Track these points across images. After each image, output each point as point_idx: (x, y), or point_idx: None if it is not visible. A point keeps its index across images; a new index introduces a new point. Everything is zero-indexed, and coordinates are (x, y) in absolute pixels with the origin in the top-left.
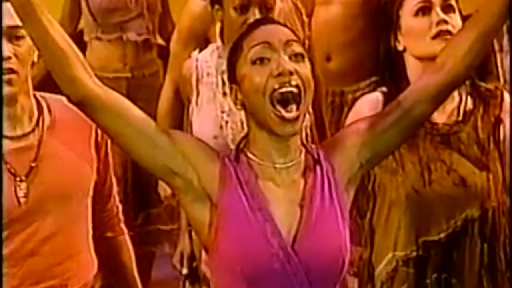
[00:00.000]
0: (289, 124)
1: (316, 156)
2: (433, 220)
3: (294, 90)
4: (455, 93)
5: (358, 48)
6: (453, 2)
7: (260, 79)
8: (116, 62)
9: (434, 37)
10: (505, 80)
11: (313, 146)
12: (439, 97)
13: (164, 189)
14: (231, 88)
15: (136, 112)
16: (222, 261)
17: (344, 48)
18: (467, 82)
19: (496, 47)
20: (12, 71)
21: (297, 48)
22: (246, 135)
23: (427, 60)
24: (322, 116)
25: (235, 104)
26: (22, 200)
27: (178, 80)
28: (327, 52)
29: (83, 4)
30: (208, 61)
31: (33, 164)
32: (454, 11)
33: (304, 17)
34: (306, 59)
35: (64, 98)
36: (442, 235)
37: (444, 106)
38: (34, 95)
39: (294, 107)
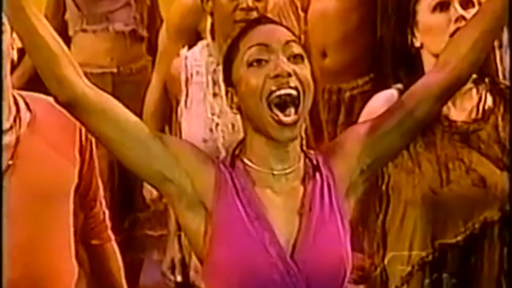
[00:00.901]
0: (287, 129)
1: (315, 162)
2: (450, 222)
3: (293, 92)
4: (474, 91)
5: (354, 42)
6: None
7: (256, 81)
8: (102, 55)
9: (452, 35)
10: (504, 77)
11: (312, 151)
12: (443, 97)
13: (150, 192)
14: (226, 91)
15: (129, 116)
16: (218, 272)
17: (340, 42)
18: (487, 80)
19: (496, 43)
20: None
21: (296, 49)
22: (242, 140)
23: None
24: (319, 115)
25: (231, 108)
26: None
27: (166, 79)
28: (323, 48)
29: None
30: (197, 59)
31: (10, 162)
32: (473, 6)
33: (300, 11)
34: (306, 60)
35: (50, 98)
36: (459, 238)
37: (463, 103)
38: (12, 94)
39: (292, 110)
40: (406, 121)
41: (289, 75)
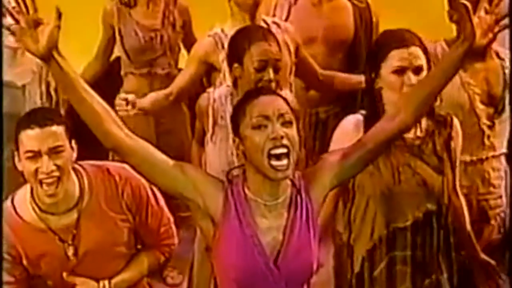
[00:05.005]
0: (280, 172)
1: (298, 187)
2: (401, 211)
3: (284, 150)
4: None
5: None
6: (423, 63)
7: (259, 140)
8: (145, 89)
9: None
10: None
11: (296, 175)
12: (393, 139)
13: None
14: (233, 140)
15: (157, 154)
16: (222, 270)
17: None
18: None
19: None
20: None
21: (287, 117)
22: (244, 170)
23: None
24: (305, 138)
25: (237, 149)
26: (71, 258)
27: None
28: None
29: (119, 44)
30: (223, 105)
31: (74, 232)
32: (423, 71)
33: (292, 48)
34: (294, 124)
35: (102, 164)
36: (408, 223)
37: None
38: (75, 168)
39: (285, 161)
40: (366, 155)
41: (282, 137)
